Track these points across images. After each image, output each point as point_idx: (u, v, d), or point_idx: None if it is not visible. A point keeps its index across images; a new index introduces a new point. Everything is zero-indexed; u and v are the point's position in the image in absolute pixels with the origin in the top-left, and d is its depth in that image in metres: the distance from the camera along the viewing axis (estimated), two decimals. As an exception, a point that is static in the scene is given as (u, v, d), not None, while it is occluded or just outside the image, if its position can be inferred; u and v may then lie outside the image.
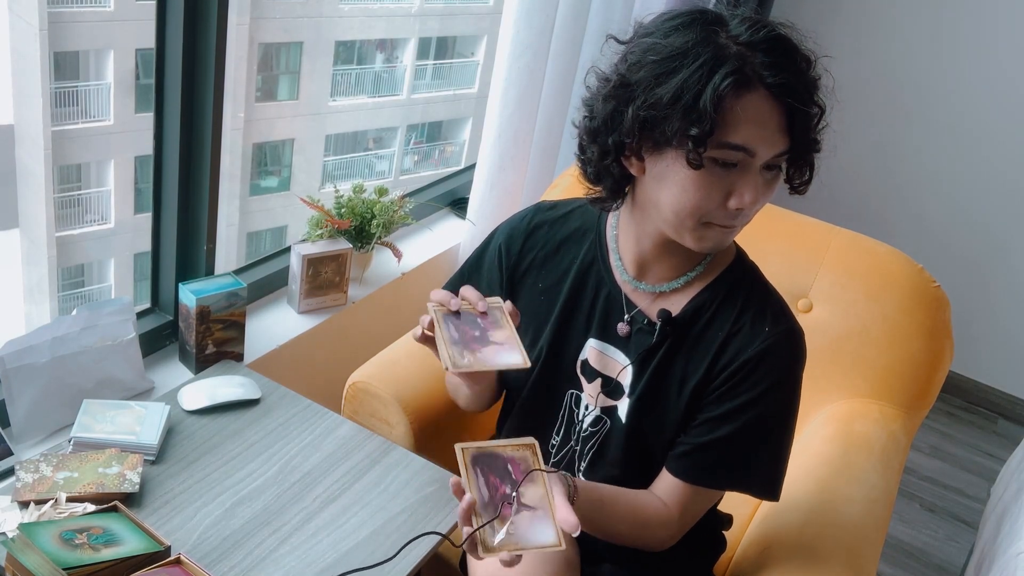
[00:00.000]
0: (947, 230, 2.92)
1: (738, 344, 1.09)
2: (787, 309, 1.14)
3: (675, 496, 1.13)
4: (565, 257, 1.21)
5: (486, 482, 0.97)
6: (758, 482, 1.15)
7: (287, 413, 1.42)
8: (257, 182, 6.44)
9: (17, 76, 4.95)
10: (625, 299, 1.16)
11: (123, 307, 1.43)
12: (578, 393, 1.21)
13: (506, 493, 0.97)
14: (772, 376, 1.09)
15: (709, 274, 1.13)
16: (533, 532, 0.95)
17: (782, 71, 0.95)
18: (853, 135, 2.93)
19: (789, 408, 1.13)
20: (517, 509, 0.96)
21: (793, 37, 0.99)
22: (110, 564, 1.02)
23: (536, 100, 2.04)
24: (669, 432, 1.14)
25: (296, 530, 1.20)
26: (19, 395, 1.31)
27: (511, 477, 0.98)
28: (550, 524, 0.95)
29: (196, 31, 1.43)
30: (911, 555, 2.36)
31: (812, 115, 0.98)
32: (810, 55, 0.99)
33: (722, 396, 1.10)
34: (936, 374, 1.63)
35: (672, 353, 1.13)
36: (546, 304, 1.21)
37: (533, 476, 0.98)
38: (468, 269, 1.29)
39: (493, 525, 0.95)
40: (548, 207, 1.25)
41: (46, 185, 5.14)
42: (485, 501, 0.96)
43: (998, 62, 2.72)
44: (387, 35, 6.75)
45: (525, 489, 0.97)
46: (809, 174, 1.03)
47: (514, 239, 1.23)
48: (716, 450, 1.11)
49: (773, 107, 0.96)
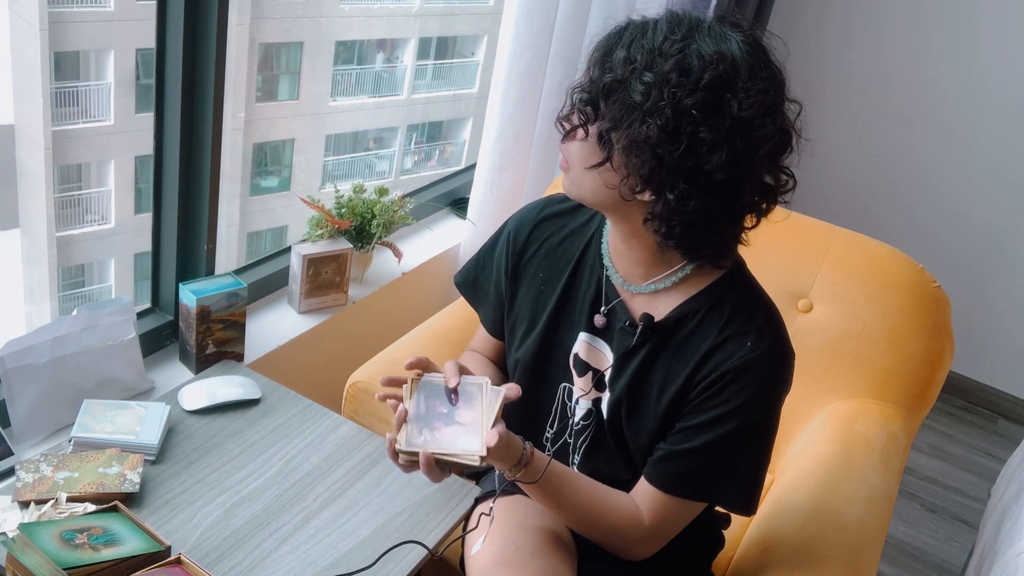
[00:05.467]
0: (947, 230, 2.92)
1: (720, 356, 1.09)
2: (777, 328, 1.12)
3: (647, 502, 1.13)
4: (568, 250, 1.22)
5: (426, 402, 1.04)
6: (730, 496, 1.14)
7: (287, 413, 1.42)
8: (257, 182, 6.44)
9: (17, 76, 4.94)
10: (606, 293, 1.17)
11: (123, 307, 1.43)
12: (570, 386, 1.22)
13: (440, 412, 1.00)
14: (749, 391, 1.07)
15: (698, 282, 1.12)
16: (457, 440, 1.00)
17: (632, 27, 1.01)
18: (853, 135, 2.93)
19: (764, 426, 1.12)
20: (449, 423, 1.02)
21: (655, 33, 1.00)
22: (110, 564, 1.02)
23: (536, 100, 2.04)
24: (646, 437, 1.14)
25: (296, 530, 1.20)
26: (19, 395, 1.31)
27: (451, 403, 1.04)
28: (477, 437, 1.00)
29: (196, 31, 1.43)
30: (911, 555, 2.36)
31: (600, 57, 1.02)
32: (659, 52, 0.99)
33: (699, 407, 1.10)
34: (936, 374, 1.63)
35: (652, 357, 1.13)
36: (545, 295, 1.23)
37: (472, 402, 1.04)
38: (483, 254, 1.32)
39: (420, 430, 1.00)
40: (559, 199, 1.26)
41: (46, 185, 5.14)
42: (420, 414, 1.02)
43: (998, 62, 2.72)
44: (387, 35, 6.74)
45: (461, 411, 1.03)
46: (570, 117, 1.05)
47: (522, 228, 1.26)
48: (688, 459, 1.11)
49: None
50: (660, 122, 0.96)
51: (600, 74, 1.01)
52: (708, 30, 0.99)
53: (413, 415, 1.05)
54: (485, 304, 1.34)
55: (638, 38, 0.99)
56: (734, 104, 0.96)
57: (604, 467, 1.21)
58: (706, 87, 0.96)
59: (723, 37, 0.98)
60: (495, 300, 1.31)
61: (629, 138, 0.99)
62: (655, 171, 0.99)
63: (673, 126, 0.96)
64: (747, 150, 0.98)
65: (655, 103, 0.96)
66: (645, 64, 0.97)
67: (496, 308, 1.31)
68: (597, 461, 1.22)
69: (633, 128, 0.98)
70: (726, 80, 0.96)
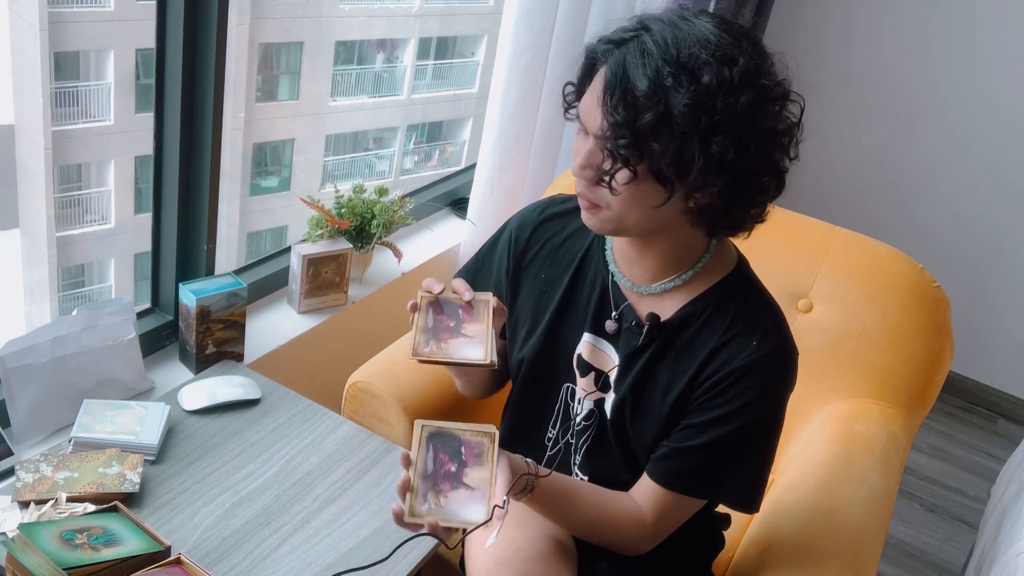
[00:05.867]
0: (947, 230, 2.92)
1: (725, 356, 1.08)
2: (781, 328, 1.12)
3: (650, 500, 1.13)
4: (570, 251, 1.22)
5: (435, 458, 1.00)
6: (732, 494, 1.14)
7: (287, 413, 1.42)
8: (257, 182, 6.43)
9: (17, 76, 4.94)
10: (614, 296, 1.16)
11: (123, 307, 1.43)
12: (573, 387, 1.21)
13: (450, 471, 0.99)
14: (754, 391, 1.08)
15: (703, 282, 1.12)
16: (463, 509, 0.98)
17: (616, 54, 0.98)
18: (853, 135, 2.93)
19: (769, 425, 1.12)
20: (456, 486, 0.99)
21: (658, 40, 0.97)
22: (110, 564, 1.02)
23: (536, 100, 2.04)
24: (650, 436, 1.14)
25: (296, 530, 1.20)
26: (19, 395, 1.31)
27: (461, 457, 1.00)
28: (483, 505, 0.97)
29: (196, 31, 1.43)
30: (911, 555, 2.36)
31: (621, 95, 0.96)
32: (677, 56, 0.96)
33: (703, 405, 1.10)
34: (936, 374, 1.63)
35: (658, 358, 1.13)
36: (547, 295, 1.22)
37: (481, 460, 1.01)
38: (484, 252, 1.32)
39: (427, 496, 0.98)
40: (562, 200, 1.26)
41: (46, 185, 5.14)
42: (428, 473, 0.99)
43: (998, 62, 2.72)
44: (387, 35, 6.74)
45: (470, 471, 1.00)
46: (615, 165, 0.98)
47: (524, 228, 1.26)
48: (691, 457, 1.11)
49: (604, 84, 0.99)
50: (730, 137, 0.94)
51: (635, 115, 0.95)
52: (697, 33, 0.96)
53: (421, 326, 1.07)
54: None
55: (640, 66, 0.96)
56: (768, 84, 0.97)
57: (604, 468, 1.21)
58: (741, 82, 0.95)
59: (706, 31, 0.97)
60: None
61: (704, 161, 0.95)
62: (729, 183, 0.97)
63: (720, 142, 0.94)
64: (764, 137, 0.99)
65: (705, 128, 0.94)
66: (674, 85, 0.94)
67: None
68: (598, 462, 1.22)
69: (704, 150, 0.95)
70: (752, 70, 0.96)
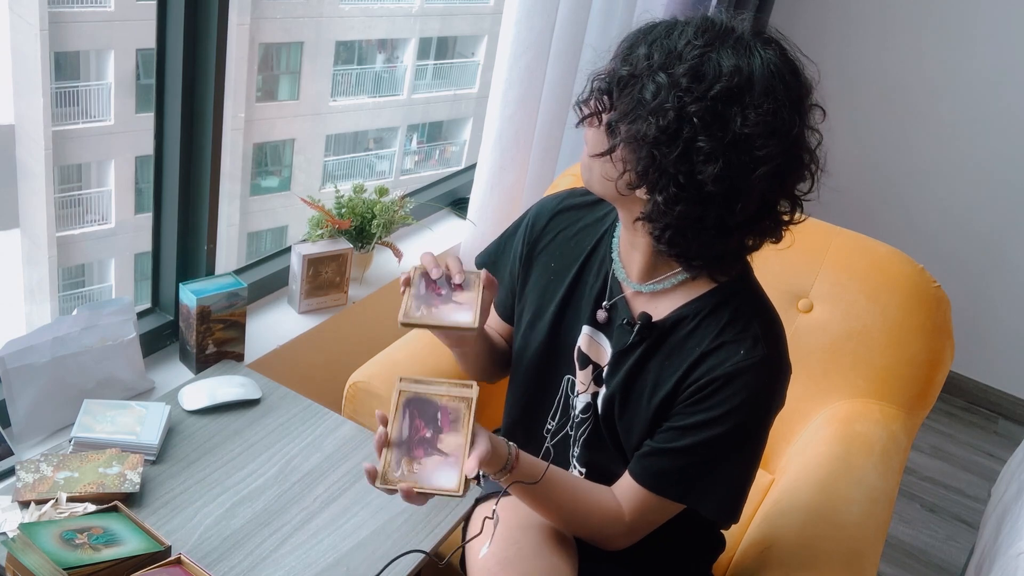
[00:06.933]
0: (948, 230, 2.92)
1: (712, 361, 1.08)
2: (775, 339, 1.11)
3: (628, 497, 1.13)
4: (581, 243, 1.23)
5: (410, 424, 1.02)
6: (710, 502, 1.12)
7: (287, 413, 1.42)
8: (257, 182, 6.44)
9: (17, 76, 4.95)
10: (611, 288, 1.17)
11: (123, 307, 1.43)
12: (573, 379, 1.22)
13: (424, 437, 0.99)
14: (737, 399, 1.07)
15: (702, 286, 1.12)
16: (436, 475, 0.98)
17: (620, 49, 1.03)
18: (853, 136, 2.93)
19: (751, 435, 1.11)
20: (429, 452, 1.00)
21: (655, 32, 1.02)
22: (110, 564, 1.02)
23: (537, 100, 2.04)
24: (636, 435, 1.14)
25: (296, 530, 1.20)
26: (19, 395, 1.31)
27: (436, 423, 1.02)
28: (456, 471, 0.98)
29: (196, 31, 1.43)
30: (911, 555, 2.36)
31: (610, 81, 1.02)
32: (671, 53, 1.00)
33: (686, 409, 1.09)
34: (936, 374, 1.63)
35: (647, 357, 1.13)
36: (553, 285, 1.23)
37: (457, 426, 1.02)
38: (505, 238, 1.34)
39: (400, 461, 0.99)
40: (582, 192, 1.26)
41: (46, 185, 5.14)
42: (403, 439, 1.00)
43: (997, 62, 2.72)
44: (387, 35, 6.75)
45: (445, 436, 1.01)
46: (611, 143, 1.03)
47: (541, 216, 1.28)
48: (670, 459, 1.10)
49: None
50: (662, 123, 0.97)
51: (619, 66, 1.02)
52: (735, 41, 0.98)
53: (413, 293, 1.10)
54: (500, 286, 1.34)
55: (662, 37, 1.00)
56: (738, 119, 0.96)
57: (601, 461, 1.21)
58: (714, 97, 0.95)
59: (748, 51, 0.97)
60: (508, 283, 1.32)
61: (630, 133, 1.00)
62: (649, 170, 1.00)
63: (674, 129, 0.97)
64: (743, 167, 0.97)
65: (661, 103, 0.97)
66: (661, 64, 0.98)
67: (508, 292, 1.32)
68: (595, 454, 1.22)
69: (636, 124, 0.99)
70: (736, 94, 0.96)
